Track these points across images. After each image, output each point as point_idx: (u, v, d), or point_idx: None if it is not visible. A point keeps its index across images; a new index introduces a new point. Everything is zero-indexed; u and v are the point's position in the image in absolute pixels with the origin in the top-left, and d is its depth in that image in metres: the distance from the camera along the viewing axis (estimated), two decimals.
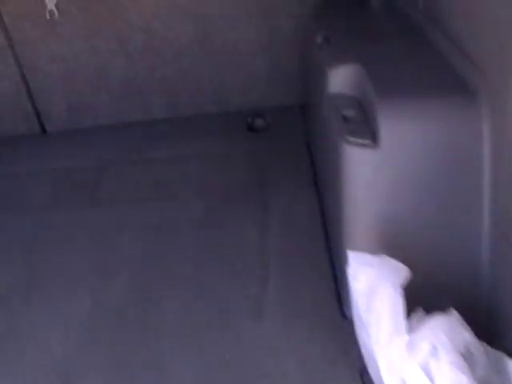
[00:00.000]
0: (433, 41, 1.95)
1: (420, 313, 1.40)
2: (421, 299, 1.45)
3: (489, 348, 1.42)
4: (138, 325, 1.89)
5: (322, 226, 2.13)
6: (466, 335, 1.38)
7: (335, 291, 1.88)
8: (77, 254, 2.18)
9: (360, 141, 1.71)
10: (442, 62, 1.84)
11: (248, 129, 2.76)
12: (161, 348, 1.80)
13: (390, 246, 1.65)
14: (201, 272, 2.03)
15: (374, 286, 1.40)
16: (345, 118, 1.83)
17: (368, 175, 1.70)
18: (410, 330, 1.35)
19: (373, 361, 1.40)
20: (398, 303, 1.35)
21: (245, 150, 2.63)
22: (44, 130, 2.96)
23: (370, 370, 1.48)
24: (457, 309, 1.46)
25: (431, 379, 1.30)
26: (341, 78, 1.97)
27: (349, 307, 1.73)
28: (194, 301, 1.93)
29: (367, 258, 1.48)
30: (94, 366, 1.79)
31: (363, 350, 1.49)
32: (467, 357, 1.35)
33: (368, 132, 1.73)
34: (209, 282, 1.98)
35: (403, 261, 1.51)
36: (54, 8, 2.69)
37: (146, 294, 1.98)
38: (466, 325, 1.42)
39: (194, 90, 2.86)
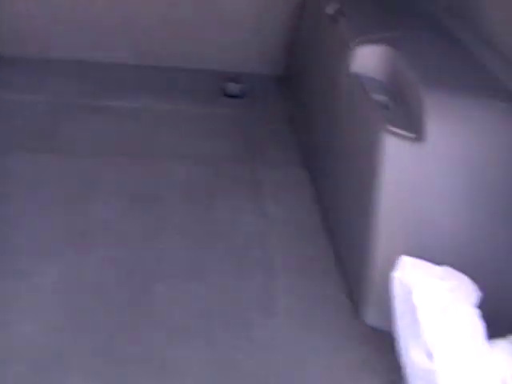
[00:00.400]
0: (460, 38, 1.87)
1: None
2: None
3: None
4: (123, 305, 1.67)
5: (321, 214, 2.01)
6: None
7: (345, 289, 1.77)
8: (41, 214, 1.90)
9: (403, 132, 1.60)
10: (475, 62, 1.77)
11: (223, 93, 2.60)
12: (156, 339, 1.58)
13: (423, 249, 1.56)
14: (193, 249, 1.85)
15: (444, 302, 1.30)
16: (380, 105, 1.72)
17: (407, 171, 1.60)
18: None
19: (426, 373, 1.31)
20: (477, 325, 1.27)
21: (222, 116, 2.47)
22: None
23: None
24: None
25: None
26: (367, 58, 1.85)
27: (371, 313, 1.63)
28: (187, 282, 1.75)
29: (428, 266, 1.37)
30: (70, 352, 1.53)
31: (409, 365, 1.39)
32: None
33: (409, 124, 1.63)
34: (205, 264, 1.82)
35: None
36: None
37: (130, 269, 1.77)
38: None
39: (169, 40, 2.64)
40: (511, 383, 1.25)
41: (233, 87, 2.59)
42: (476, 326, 1.28)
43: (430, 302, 1.31)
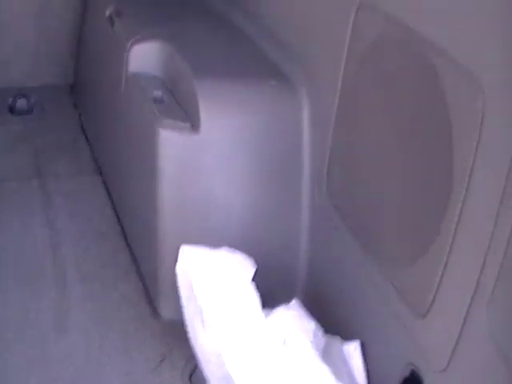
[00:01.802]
0: (240, 26, 1.94)
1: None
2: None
3: (328, 335, 1.46)
4: None
5: (115, 219, 2.01)
6: (312, 324, 1.41)
7: (143, 288, 1.78)
8: None
9: (177, 123, 1.65)
10: (253, 48, 1.84)
11: (9, 110, 2.55)
12: None
13: (213, 237, 1.61)
14: None
15: (222, 284, 1.35)
16: (155, 100, 1.75)
17: (186, 161, 1.64)
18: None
19: (215, 357, 1.35)
20: (253, 298, 1.32)
21: (10, 134, 2.42)
22: None
23: (207, 370, 1.42)
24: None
25: (285, 367, 1.29)
26: (142, 56, 1.89)
27: (167, 307, 1.66)
28: None
29: (206, 252, 1.42)
30: None
31: (199, 351, 1.43)
32: (315, 344, 1.37)
33: (183, 115, 1.67)
34: None
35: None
36: None
37: None
38: (309, 314, 1.43)
39: None
40: (290, 343, 1.31)
41: (20, 103, 2.55)
42: (252, 298, 1.33)
43: (209, 287, 1.35)
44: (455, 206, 1.14)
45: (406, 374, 1.28)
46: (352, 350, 1.44)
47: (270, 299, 1.44)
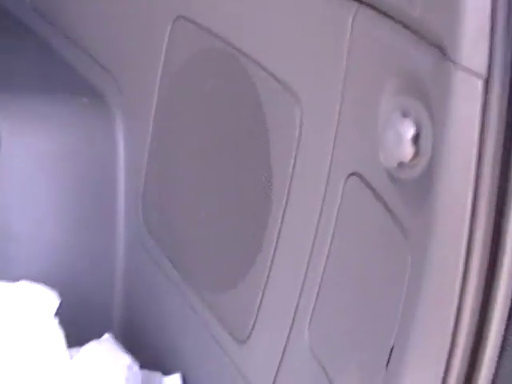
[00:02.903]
0: (55, 46, 1.86)
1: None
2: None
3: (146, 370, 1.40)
4: None
5: None
6: (126, 359, 1.35)
7: None
8: None
9: None
10: (67, 67, 1.77)
11: None
12: None
13: (11, 267, 1.50)
14: None
15: (22, 319, 1.26)
16: None
17: None
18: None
19: None
20: (57, 334, 1.24)
21: None
22: None
23: None
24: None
25: None
26: None
27: None
28: None
29: (4, 286, 1.31)
30: None
31: None
32: (131, 380, 1.33)
33: None
34: None
35: None
36: None
37: None
38: (124, 349, 1.37)
39: None
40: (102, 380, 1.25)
41: None
42: (56, 335, 1.25)
43: (7, 323, 1.26)
44: (274, 227, 1.13)
45: None
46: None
47: (82, 337, 1.38)
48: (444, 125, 0.75)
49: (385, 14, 0.86)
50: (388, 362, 0.87)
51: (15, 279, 1.40)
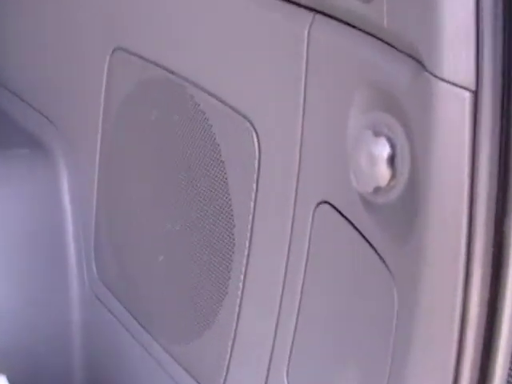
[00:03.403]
0: None
1: None
2: None
3: None
4: None
5: None
6: None
7: None
8: None
9: None
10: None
11: None
12: None
13: None
14: None
15: None
16: None
17: None
18: None
19: None
20: None
21: None
22: None
23: None
24: None
25: None
26: None
27: None
28: None
29: None
30: None
31: None
32: None
33: None
34: None
35: None
36: None
37: None
38: None
39: None
40: None
41: None
42: None
43: None
44: (239, 267, 1.03)
45: None
46: None
47: None
48: (427, 143, 0.65)
49: (346, 23, 0.76)
50: None
51: None
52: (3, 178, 1.49)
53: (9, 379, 1.28)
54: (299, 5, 0.86)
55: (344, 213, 0.81)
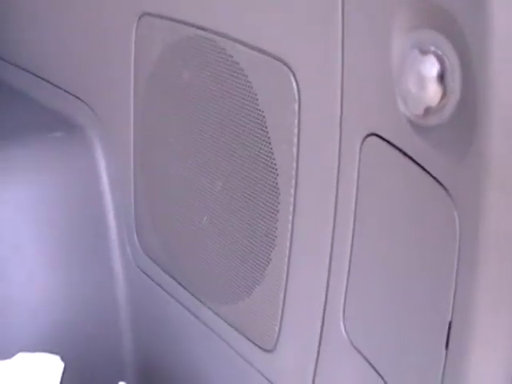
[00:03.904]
0: (10, 83, 1.74)
1: None
2: None
3: None
4: None
5: None
6: None
7: None
8: None
9: None
10: (29, 103, 1.64)
11: None
12: None
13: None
14: None
15: None
16: None
17: None
18: None
19: None
20: None
21: None
22: None
23: None
24: None
25: None
26: None
27: None
28: None
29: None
30: None
31: None
32: None
33: None
34: None
35: None
36: None
37: None
38: None
39: None
40: None
41: None
42: None
43: None
44: (285, 216, 1.01)
45: None
46: None
47: None
48: (483, 56, 0.62)
49: None
50: (447, 341, 0.75)
51: (12, 351, 1.29)
52: (41, 161, 1.49)
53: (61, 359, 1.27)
54: None
55: (394, 142, 0.79)
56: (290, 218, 1.00)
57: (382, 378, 0.88)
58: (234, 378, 1.21)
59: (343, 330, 0.95)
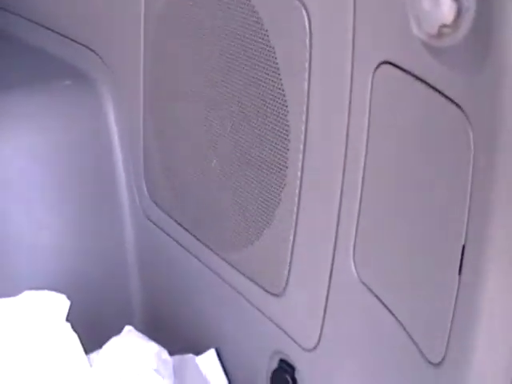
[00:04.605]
0: (20, 35, 1.72)
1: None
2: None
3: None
4: None
5: None
6: (153, 347, 1.21)
7: None
8: None
9: None
10: (38, 53, 1.63)
11: None
12: None
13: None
14: None
15: (26, 329, 1.12)
16: None
17: None
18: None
19: None
20: (71, 339, 1.11)
21: None
22: None
23: None
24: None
25: None
26: None
27: None
28: None
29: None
30: None
31: None
32: (162, 368, 1.19)
33: None
34: None
35: None
36: None
37: None
38: (145, 337, 1.23)
39: None
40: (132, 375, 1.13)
41: None
42: (70, 339, 1.12)
43: (15, 338, 1.12)
44: (295, 155, 0.99)
45: (274, 365, 1.11)
46: (207, 362, 1.27)
47: (105, 334, 1.24)
48: None
49: None
50: (460, 267, 0.73)
51: (21, 290, 1.28)
52: (50, 108, 1.47)
53: (71, 308, 1.26)
54: None
55: (407, 68, 0.77)
56: (301, 156, 0.98)
57: (393, 314, 0.86)
58: (242, 324, 1.20)
59: (353, 268, 0.93)
